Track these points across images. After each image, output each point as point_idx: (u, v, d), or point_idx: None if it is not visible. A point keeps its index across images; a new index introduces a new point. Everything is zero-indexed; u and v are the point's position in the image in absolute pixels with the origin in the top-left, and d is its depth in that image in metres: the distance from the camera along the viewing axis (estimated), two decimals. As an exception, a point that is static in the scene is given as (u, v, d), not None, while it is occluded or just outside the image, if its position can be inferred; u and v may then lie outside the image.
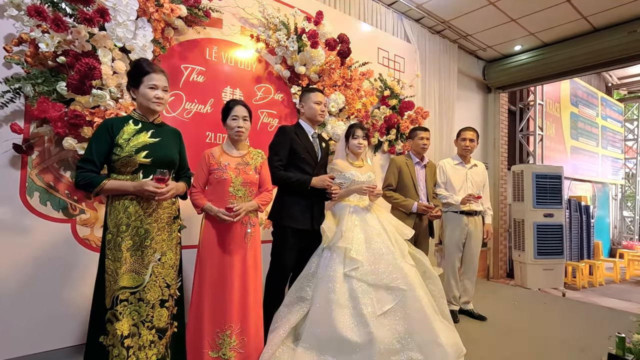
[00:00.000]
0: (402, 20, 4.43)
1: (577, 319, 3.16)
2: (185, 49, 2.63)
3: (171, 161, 1.68)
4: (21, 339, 2.00)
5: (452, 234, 2.99)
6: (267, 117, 3.08)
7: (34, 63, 1.99)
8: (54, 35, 1.87)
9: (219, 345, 1.82)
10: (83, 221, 2.22)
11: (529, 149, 6.41)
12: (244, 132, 1.97)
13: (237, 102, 1.99)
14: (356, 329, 1.89)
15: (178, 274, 1.76)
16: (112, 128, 1.55)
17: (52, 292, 2.09)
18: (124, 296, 1.56)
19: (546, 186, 4.91)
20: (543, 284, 4.83)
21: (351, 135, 2.36)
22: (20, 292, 2.01)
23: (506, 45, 5.28)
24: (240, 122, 1.94)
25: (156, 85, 1.59)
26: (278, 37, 2.95)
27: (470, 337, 2.58)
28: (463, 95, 5.50)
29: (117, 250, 1.56)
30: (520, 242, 4.96)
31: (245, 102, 2.02)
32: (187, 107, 2.64)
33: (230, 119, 1.94)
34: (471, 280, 3.03)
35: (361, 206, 2.26)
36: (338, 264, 2.03)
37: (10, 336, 1.97)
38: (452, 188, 3.00)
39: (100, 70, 1.91)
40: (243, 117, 1.96)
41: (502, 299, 3.68)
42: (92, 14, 1.83)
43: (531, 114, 6.44)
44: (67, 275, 2.15)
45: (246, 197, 1.94)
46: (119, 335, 1.53)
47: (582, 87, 8.02)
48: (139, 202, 1.59)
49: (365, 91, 3.55)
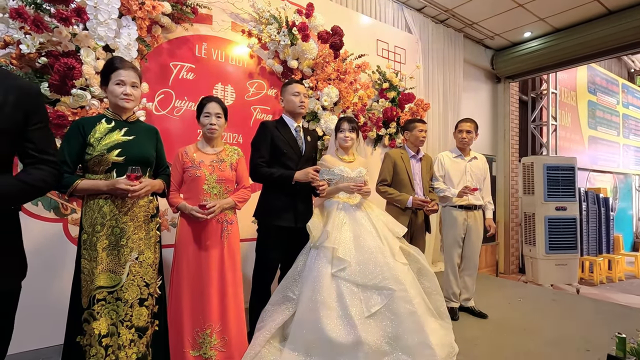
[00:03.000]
0: (402, 11, 4.31)
1: (587, 316, 3.02)
2: (174, 47, 2.62)
3: (145, 159, 1.66)
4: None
5: (450, 229, 2.89)
6: (260, 113, 3.05)
7: (20, 65, 2.02)
8: (35, 36, 1.88)
9: (199, 344, 1.80)
10: (74, 220, 2.25)
11: (542, 140, 6.17)
12: (217, 129, 1.93)
13: (211, 99, 1.96)
14: (343, 330, 1.83)
15: (158, 273, 1.75)
16: (83, 128, 1.54)
17: (44, 291, 2.12)
18: (101, 296, 1.56)
19: (558, 178, 4.70)
20: (556, 280, 4.65)
21: (338, 128, 2.30)
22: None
23: (515, 32, 5.07)
24: (213, 119, 1.91)
25: (123, 81, 1.57)
26: (269, 31, 2.90)
27: (469, 335, 2.49)
28: (470, 85, 5.33)
29: (92, 250, 1.55)
30: (531, 236, 4.78)
31: (220, 99, 1.99)
32: (177, 104, 2.63)
33: (203, 116, 1.91)
34: (471, 277, 2.93)
35: (351, 203, 2.20)
36: (325, 263, 1.98)
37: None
38: (450, 181, 2.90)
39: (81, 70, 1.91)
40: (216, 114, 1.92)
41: (508, 295, 3.55)
42: (69, 13, 1.83)
43: (544, 104, 6.19)
44: (59, 275, 2.18)
45: (222, 194, 1.92)
46: (97, 335, 1.53)
47: (601, 74, 7.65)
48: (113, 201, 1.58)
49: (362, 84, 3.47)
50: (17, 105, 1.05)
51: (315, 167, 2.06)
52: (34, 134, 1.11)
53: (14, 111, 1.04)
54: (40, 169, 1.14)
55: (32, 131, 1.10)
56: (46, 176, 1.15)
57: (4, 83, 1.04)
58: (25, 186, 1.09)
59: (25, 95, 1.08)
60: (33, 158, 1.13)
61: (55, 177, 1.20)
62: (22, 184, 1.08)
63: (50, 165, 1.17)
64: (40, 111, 1.14)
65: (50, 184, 1.18)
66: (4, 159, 1.09)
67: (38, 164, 1.14)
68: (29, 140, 1.11)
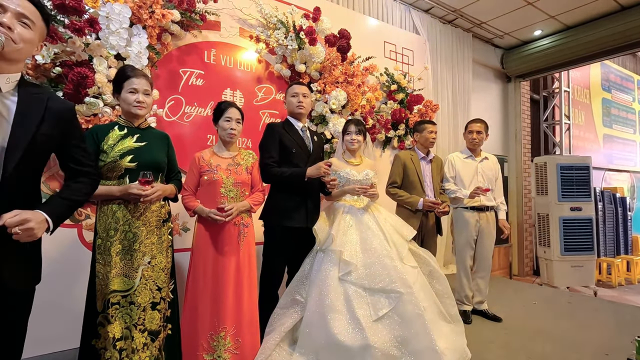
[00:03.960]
0: (410, 12, 4.30)
1: (605, 319, 2.94)
2: (183, 54, 2.66)
3: (157, 164, 1.69)
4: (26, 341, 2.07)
5: (462, 231, 2.86)
6: (269, 118, 3.07)
7: (36, 75, 2.07)
8: (50, 46, 1.94)
9: (213, 347, 1.82)
10: (88, 226, 2.29)
11: (555, 139, 6.05)
12: (236, 135, 1.98)
13: (231, 104, 2.00)
14: (352, 334, 1.82)
15: (170, 277, 1.77)
16: (97, 135, 1.58)
17: (60, 295, 2.16)
18: (115, 299, 1.59)
19: (572, 178, 4.61)
20: (572, 282, 4.54)
21: (345, 131, 2.30)
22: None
23: (525, 30, 5.01)
24: (233, 124, 1.96)
25: (136, 89, 1.61)
26: (277, 36, 2.93)
27: (482, 338, 2.45)
28: (480, 85, 5.28)
29: (106, 254, 1.58)
30: (545, 237, 4.69)
31: (238, 106, 2.03)
32: (187, 110, 2.67)
33: (224, 120, 1.94)
34: (484, 279, 2.88)
35: (357, 206, 2.19)
36: (332, 266, 1.98)
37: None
38: (461, 183, 2.87)
39: (94, 79, 1.95)
40: (236, 119, 1.98)
41: (522, 298, 3.49)
42: (82, 24, 1.88)
43: (556, 102, 6.08)
44: (74, 279, 2.22)
45: (238, 197, 1.93)
46: (111, 338, 1.55)
47: (615, 71, 7.48)
48: (126, 207, 1.61)
49: (370, 86, 3.47)
50: (56, 122, 1.14)
51: (327, 161, 2.04)
52: (74, 150, 1.24)
53: (53, 128, 1.13)
54: (80, 182, 1.27)
55: (72, 147, 1.23)
56: (85, 188, 1.28)
57: (45, 102, 1.12)
58: (70, 203, 1.22)
59: (63, 113, 1.18)
60: (73, 171, 1.26)
61: (93, 185, 1.32)
62: (68, 201, 1.21)
63: (88, 176, 1.29)
64: (76, 127, 1.26)
65: (89, 194, 1.31)
66: (39, 172, 1.19)
67: (78, 176, 1.27)
68: (70, 155, 1.24)
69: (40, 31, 1.14)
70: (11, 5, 1.04)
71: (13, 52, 1.05)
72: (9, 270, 1.08)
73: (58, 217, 1.14)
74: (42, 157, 1.16)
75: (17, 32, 1.05)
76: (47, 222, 1.10)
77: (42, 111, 1.10)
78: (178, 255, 2.00)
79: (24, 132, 1.06)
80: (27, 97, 1.10)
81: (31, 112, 1.08)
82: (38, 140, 1.08)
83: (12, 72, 1.08)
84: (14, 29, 1.04)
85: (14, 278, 1.10)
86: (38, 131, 1.08)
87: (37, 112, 1.10)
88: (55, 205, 1.15)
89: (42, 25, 1.14)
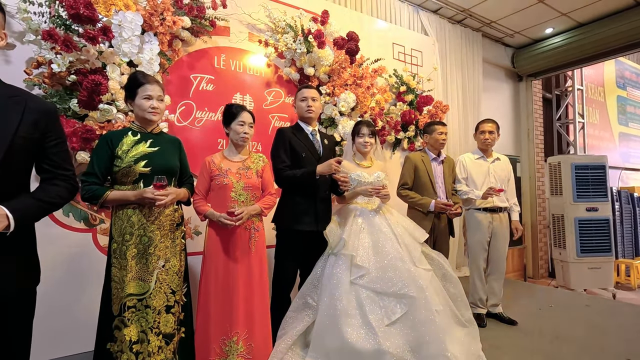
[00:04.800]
0: (418, 13, 4.28)
1: (626, 322, 2.86)
2: (193, 59, 2.69)
3: (170, 169, 1.71)
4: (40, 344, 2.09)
5: (475, 232, 2.81)
6: (278, 121, 3.09)
7: (51, 83, 2.12)
8: (65, 55, 1.98)
9: (225, 352, 1.82)
10: (103, 230, 2.33)
11: (569, 138, 5.94)
12: (249, 139, 1.98)
13: (243, 108, 2.00)
14: (365, 339, 1.80)
15: (184, 280, 1.79)
16: (111, 141, 1.61)
17: (74, 299, 2.19)
18: (131, 303, 1.60)
19: (588, 178, 4.51)
20: (589, 284, 4.43)
21: (357, 133, 2.29)
22: (43, 298, 2.12)
23: (536, 29, 4.94)
24: (246, 129, 1.96)
25: (150, 95, 1.63)
26: (285, 40, 2.94)
27: (498, 342, 2.40)
28: (490, 85, 5.22)
29: (122, 258, 1.61)
30: (560, 239, 4.59)
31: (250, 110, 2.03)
32: (198, 115, 2.70)
33: (237, 124, 1.94)
34: (499, 282, 2.83)
35: (369, 209, 2.18)
36: (344, 270, 1.96)
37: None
38: (473, 184, 2.83)
39: (107, 86, 1.99)
40: (249, 124, 1.97)
41: (538, 301, 3.41)
42: (96, 33, 1.92)
43: (570, 101, 5.97)
44: (89, 283, 2.25)
45: (248, 201, 1.94)
46: (128, 341, 1.57)
47: (631, 68, 7.32)
48: (141, 211, 1.63)
49: (379, 88, 3.46)
50: (35, 124, 1.10)
51: (337, 158, 2.02)
52: (50, 151, 1.16)
53: (32, 130, 1.09)
54: (55, 185, 1.18)
55: (48, 148, 1.16)
56: (61, 191, 1.19)
57: (24, 105, 1.09)
58: (42, 204, 1.14)
59: (43, 115, 1.13)
60: (49, 173, 1.18)
61: (70, 191, 1.23)
62: (39, 202, 1.13)
63: (66, 180, 1.21)
64: (56, 129, 1.18)
65: (66, 199, 1.22)
66: (23, 175, 1.15)
67: (54, 179, 1.19)
68: (46, 156, 1.16)
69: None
70: None
71: None
72: (2, 272, 1.06)
73: (23, 215, 1.06)
74: (24, 159, 1.12)
75: None
76: (8, 218, 1.02)
77: (20, 113, 1.07)
78: (190, 258, 2.01)
79: (2, 136, 1.03)
80: (4, 100, 1.07)
81: (9, 116, 1.05)
82: (17, 142, 1.05)
83: None
84: None
85: (8, 280, 1.08)
86: (17, 133, 1.05)
87: (15, 114, 1.06)
88: (22, 204, 1.08)
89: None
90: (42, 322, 2.09)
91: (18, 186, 1.12)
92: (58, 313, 2.14)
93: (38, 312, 2.11)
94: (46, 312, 2.10)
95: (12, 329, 1.13)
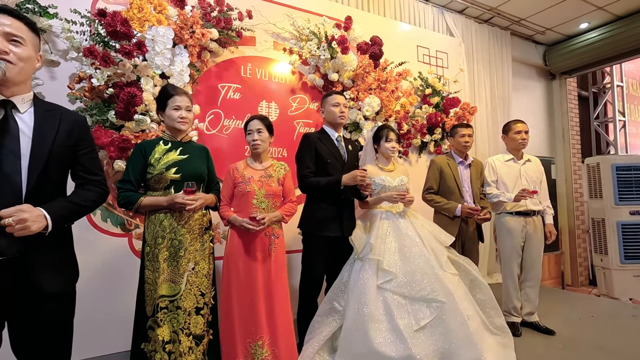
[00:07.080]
0: (443, 14, 4.22)
1: (678, 335, 2.64)
2: (221, 69, 2.79)
3: (199, 175, 1.78)
4: (78, 343, 2.20)
5: (507, 237, 2.70)
6: (303, 127, 3.12)
7: (91, 97, 2.26)
8: (104, 70, 2.11)
9: (252, 355, 1.84)
10: (138, 235, 2.44)
11: (609, 137, 5.61)
12: (260, 144, 1.99)
13: (252, 117, 2.03)
14: (393, 344, 1.78)
15: (212, 283, 1.84)
16: (144, 150, 1.70)
17: (111, 301, 2.30)
18: (163, 304, 1.67)
19: (631, 179, 4.23)
20: (635, 293, 4.13)
21: (384, 138, 2.27)
22: (82, 300, 2.24)
23: (569, 25, 4.72)
24: (255, 136, 1.98)
25: (179, 106, 1.72)
26: (309, 47, 2.99)
27: (534, 353, 2.29)
28: (521, 84, 5.04)
29: (155, 261, 1.68)
30: (601, 244, 4.32)
31: (262, 116, 2.06)
32: (226, 123, 2.78)
33: (247, 134, 2.01)
34: (534, 289, 2.70)
35: (394, 212, 2.16)
36: (371, 275, 1.95)
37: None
38: (504, 187, 2.73)
39: (142, 97, 2.10)
40: (257, 129, 1.98)
41: (578, 310, 3.22)
42: (131, 48, 2.03)
43: (608, 98, 5.64)
44: (125, 285, 2.36)
45: (269, 209, 1.97)
46: (161, 341, 1.64)
47: (676, 61, 6.83)
48: (172, 215, 1.71)
49: (404, 91, 3.43)
50: (69, 133, 1.20)
51: (362, 169, 2.03)
52: (83, 158, 1.25)
53: (67, 139, 1.19)
54: (88, 189, 1.27)
55: (80, 155, 1.25)
56: (93, 195, 1.27)
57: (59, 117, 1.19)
58: (76, 207, 1.22)
59: (75, 125, 1.23)
60: (82, 179, 1.27)
61: (101, 195, 1.31)
62: (73, 205, 1.21)
63: (97, 184, 1.29)
64: (87, 137, 1.28)
65: (98, 202, 1.30)
66: (60, 182, 1.24)
67: (86, 184, 1.27)
68: (79, 163, 1.25)
69: (34, 43, 1.15)
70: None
71: (17, 75, 1.08)
72: (44, 275, 1.13)
73: (58, 217, 1.13)
74: (62, 166, 1.20)
75: (12, 53, 1.06)
76: (45, 219, 1.08)
77: (56, 125, 1.16)
78: (218, 262, 2.07)
79: (43, 145, 1.12)
80: (42, 114, 1.16)
81: (47, 127, 1.15)
82: (56, 151, 1.14)
83: (24, 92, 1.14)
84: (9, 52, 1.05)
85: (50, 282, 1.14)
86: (54, 143, 1.14)
87: (52, 126, 1.16)
88: (58, 206, 1.15)
89: (33, 36, 1.14)
90: (83, 322, 2.22)
91: (56, 192, 1.21)
92: (97, 314, 2.25)
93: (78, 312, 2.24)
94: (87, 312, 2.23)
95: (54, 326, 1.19)
